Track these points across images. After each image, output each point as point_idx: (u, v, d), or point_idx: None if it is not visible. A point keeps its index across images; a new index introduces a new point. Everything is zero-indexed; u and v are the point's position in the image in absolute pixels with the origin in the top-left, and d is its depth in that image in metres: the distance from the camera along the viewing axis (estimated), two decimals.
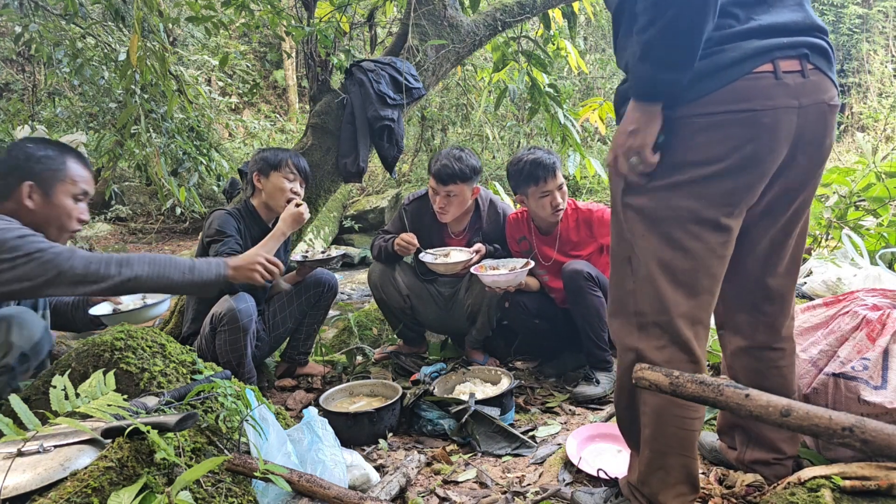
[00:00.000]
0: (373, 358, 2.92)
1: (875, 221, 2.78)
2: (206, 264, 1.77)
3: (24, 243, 1.47)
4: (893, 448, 0.89)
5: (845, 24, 15.54)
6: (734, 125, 1.14)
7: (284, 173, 2.38)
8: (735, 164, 1.16)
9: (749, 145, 1.14)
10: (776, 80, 1.13)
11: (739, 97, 1.13)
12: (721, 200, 1.19)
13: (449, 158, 2.61)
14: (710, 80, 1.13)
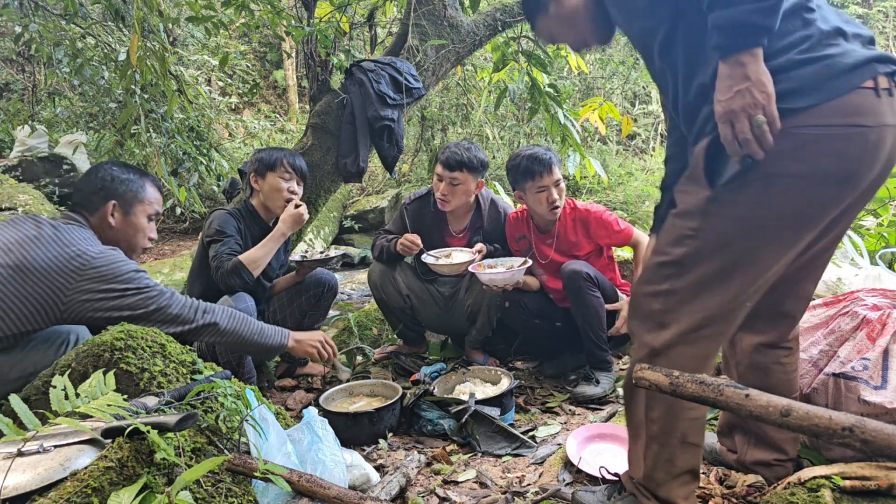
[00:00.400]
0: (373, 358, 2.92)
1: (875, 221, 2.78)
2: (273, 331, 1.90)
3: (137, 277, 1.65)
4: (893, 448, 0.89)
5: None
6: (842, 140, 1.10)
7: (280, 173, 2.38)
8: (839, 180, 1.13)
9: (854, 162, 1.11)
10: (878, 97, 1.10)
11: (848, 111, 1.09)
12: (811, 214, 1.16)
13: (458, 147, 2.64)
14: (817, 92, 1.08)
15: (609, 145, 12.52)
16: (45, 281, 1.57)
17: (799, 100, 1.08)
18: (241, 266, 2.19)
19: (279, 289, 2.58)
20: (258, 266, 2.24)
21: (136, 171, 1.88)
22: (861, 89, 1.08)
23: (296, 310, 2.58)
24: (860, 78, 1.08)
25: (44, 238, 1.60)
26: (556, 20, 1.45)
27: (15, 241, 1.59)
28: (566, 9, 1.41)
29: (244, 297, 2.20)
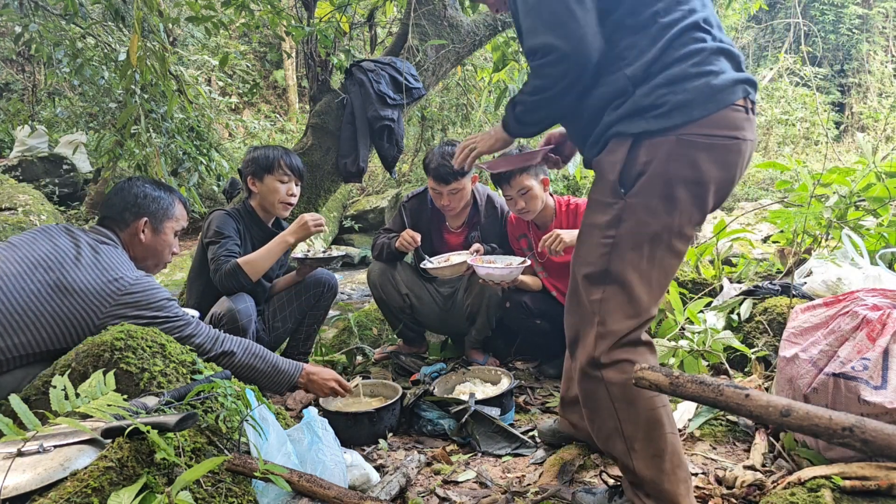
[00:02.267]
0: (373, 358, 2.92)
1: (875, 221, 2.78)
2: (287, 365, 1.89)
3: (168, 306, 1.70)
4: (893, 448, 0.89)
5: (845, 24, 15.54)
6: (725, 149, 1.25)
7: (278, 176, 2.36)
8: (722, 184, 1.29)
9: (732, 169, 1.28)
10: (747, 115, 1.28)
11: (730, 125, 1.25)
12: (698, 215, 1.32)
13: (444, 157, 2.60)
14: (708, 103, 1.23)
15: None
16: (83, 302, 1.61)
17: (691, 110, 1.22)
18: (239, 270, 2.19)
19: (279, 288, 2.58)
20: (257, 270, 2.23)
21: (165, 188, 1.93)
22: (736, 106, 1.25)
23: (296, 310, 2.58)
24: (737, 95, 1.25)
25: (83, 260, 1.64)
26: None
27: (55, 259, 1.62)
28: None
29: (244, 297, 2.20)
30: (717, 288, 2.87)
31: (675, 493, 1.32)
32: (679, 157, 1.24)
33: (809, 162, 10.35)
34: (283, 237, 2.28)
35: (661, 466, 1.32)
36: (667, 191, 1.26)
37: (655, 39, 1.25)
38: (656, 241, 1.30)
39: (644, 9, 1.26)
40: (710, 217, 9.35)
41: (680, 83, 1.23)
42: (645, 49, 1.25)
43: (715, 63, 1.25)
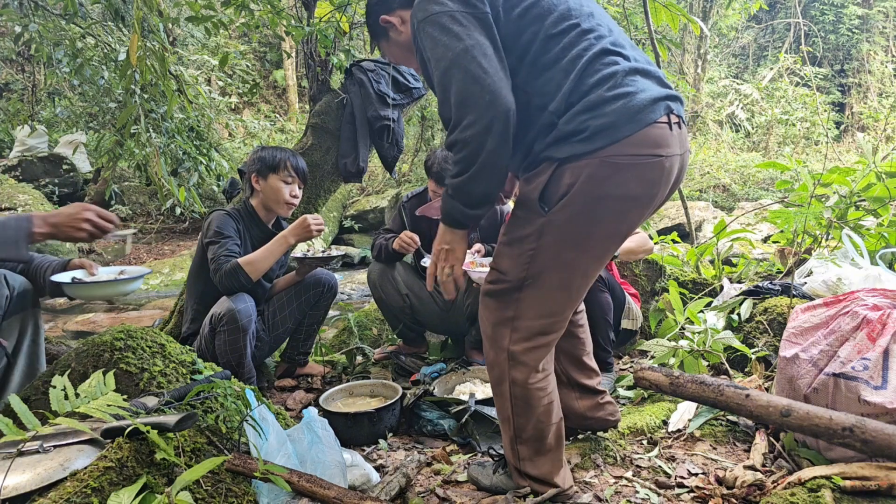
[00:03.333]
0: (373, 358, 2.92)
1: (875, 221, 2.78)
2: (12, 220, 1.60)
3: None
4: (894, 448, 0.90)
5: (845, 24, 15.54)
6: (647, 168, 1.30)
7: (283, 176, 2.37)
8: (644, 201, 1.35)
9: (655, 186, 1.33)
10: (671, 130, 1.31)
11: (651, 143, 1.29)
12: (623, 229, 1.39)
13: (445, 160, 2.60)
14: (629, 124, 1.26)
15: None
16: None
17: (613, 133, 1.26)
18: (239, 269, 2.19)
19: (279, 289, 2.58)
20: (257, 270, 2.23)
21: None
22: (658, 123, 1.29)
23: (296, 310, 2.58)
24: (658, 113, 1.28)
25: None
26: (397, 47, 1.61)
27: None
28: (403, 38, 1.56)
29: (244, 296, 2.20)
30: (717, 288, 2.87)
31: (550, 474, 1.50)
32: (601, 177, 1.28)
33: (809, 162, 10.35)
34: (284, 237, 2.28)
35: (540, 451, 1.49)
36: (589, 207, 1.31)
37: (568, 71, 1.30)
38: (577, 250, 1.37)
39: (553, 45, 1.32)
40: (711, 217, 9.36)
41: (599, 108, 1.27)
42: (561, 82, 1.30)
43: (630, 84, 1.29)
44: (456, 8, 1.31)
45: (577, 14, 1.35)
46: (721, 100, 14.58)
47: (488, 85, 1.25)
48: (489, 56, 1.27)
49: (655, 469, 1.76)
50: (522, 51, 1.33)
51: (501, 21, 1.34)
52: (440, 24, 1.30)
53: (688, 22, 3.66)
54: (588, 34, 1.33)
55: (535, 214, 1.35)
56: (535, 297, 1.40)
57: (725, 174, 11.25)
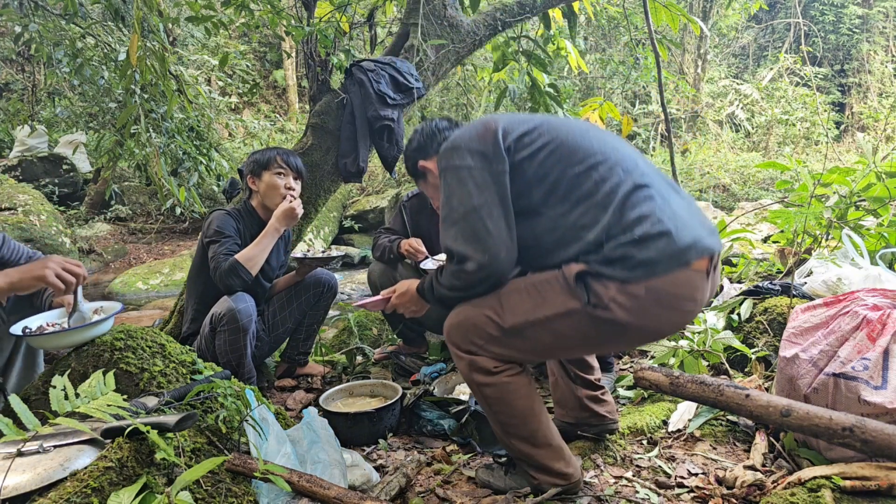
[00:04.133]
0: (373, 358, 2.92)
1: (875, 221, 2.78)
2: None
3: None
4: (894, 448, 0.89)
5: (845, 24, 15.54)
6: (678, 314, 1.40)
7: (275, 170, 2.38)
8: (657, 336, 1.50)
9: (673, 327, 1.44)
10: (707, 278, 1.39)
11: (690, 287, 1.37)
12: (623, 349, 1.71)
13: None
14: (670, 262, 1.34)
15: None
16: None
17: (657, 267, 1.33)
18: (238, 265, 2.19)
19: (279, 289, 2.58)
20: (255, 264, 2.23)
21: None
22: (696, 269, 1.36)
23: (296, 310, 2.58)
24: (696, 255, 1.35)
25: None
26: (435, 188, 1.79)
27: None
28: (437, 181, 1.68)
29: (244, 296, 2.20)
30: (717, 288, 2.87)
31: (548, 462, 1.55)
32: (633, 305, 1.35)
33: (809, 162, 10.34)
34: (272, 225, 2.28)
35: (534, 442, 1.54)
36: (620, 325, 1.38)
37: (605, 206, 1.38)
38: (584, 346, 1.53)
39: (585, 181, 1.41)
40: (711, 217, 9.40)
41: (644, 242, 1.34)
42: (598, 215, 1.38)
43: (669, 221, 1.36)
44: (475, 165, 1.44)
45: (602, 150, 1.45)
46: (721, 100, 14.57)
47: (489, 247, 1.40)
48: (495, 217, 1.41)
49: (655, 469, 1.76)
50: (551, 186, 1.43)
51: (524, 168, 1.45)
52: (459, 178, 1.45)
53: (688, 22, 3.66)
54: (616, 168, 1.42)
55: (570, 297, 1.40)
56: (518, 342, 1.49)
57: (725, 174, 11.24)
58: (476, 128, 1.52)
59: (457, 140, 1.51)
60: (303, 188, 2.54)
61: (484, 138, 1.48)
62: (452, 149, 1.50)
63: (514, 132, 1.49)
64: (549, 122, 1.52)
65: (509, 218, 1.44)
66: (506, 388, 1.51)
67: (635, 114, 12.77)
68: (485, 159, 1.45)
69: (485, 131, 1.49)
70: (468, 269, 1.43)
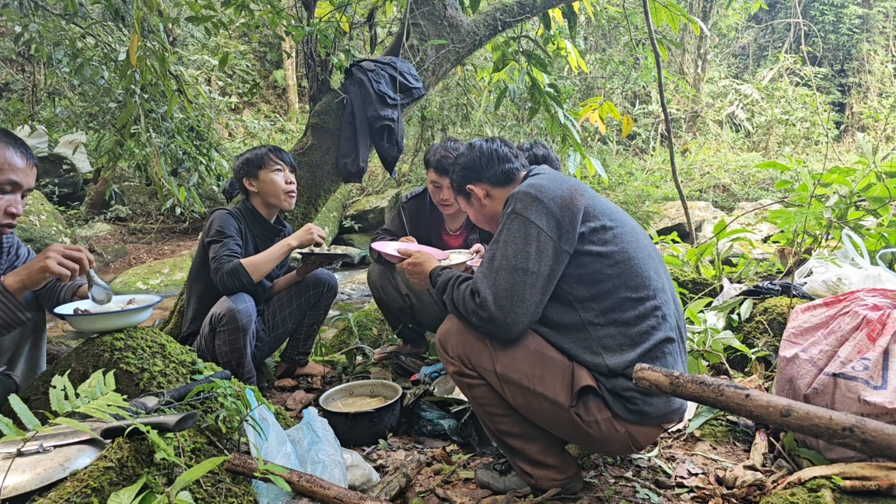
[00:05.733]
0: (373, 358, 2.92)
1: (875, 221, 2.78)
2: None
3: None
4: (894, 448, 0.89)
5: (845, 24, 15.54)
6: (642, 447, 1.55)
7: (271, 167, 2.38)
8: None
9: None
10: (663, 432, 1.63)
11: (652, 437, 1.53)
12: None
13: (447, 150, 2.60)
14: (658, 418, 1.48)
15: (609, 145, 12.52)
16: None
17: (648, 419, 1.46)
18: (241, 269, 2.19)
19: (279, 288, 2.58)
20: (260, 273, 2.24)
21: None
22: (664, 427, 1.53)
23: (296, 310, 2.58)
24: (674, 418, 1.52)
25: None
26: (476, 211, 1.79)
27: None
28: (487, 210, 1.76)
29: (244, 296, 2.20)
30: (717, 288, 2.87)
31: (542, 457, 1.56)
32: (610, 432, 1.47)
33: (809, 162, 10.36)
34: (287, 241, 2.32)
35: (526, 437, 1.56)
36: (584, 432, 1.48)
37: (635, 344, 1.45)
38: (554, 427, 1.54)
39: (629, 309, 1.46)
40: (711, 217, 9.35)
41: (651, 396, 1.44)
42: (626, 349, 1.44)
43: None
44: (546, 230, 1.46)
45: (654, 286, 1.50)
46: (721, 100, 14.58)
47: (515, 312, 1.44)
48: (537, 289, 1.45)
49: (655, 469, 1.76)
50: (598, 294, 1.47)
51: (584, 262, 1.47)
52: (526, 234, 1.46)
53: (688, 22, 3.67)
54: (657, 311, 1.48)
55: (566, 391, 1.46)
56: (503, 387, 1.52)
57: (725, 174, 11.25)
58: (563, 190, 1.51)
59: (540, 192, 1.50)
60: (302, 188, 2.54)
61: (566, 209, 1.48)
62: (532, 199, 1.49)
63: (593, 220, 1.50)
64: (625, 228, 1.53)
65: (546, 295, 1.47)
66: (494, 391, 1.53)
67: (635, 114, 12.77)
68: (558, 230, 1.46)
69: (570, 202, 1.49)
70: (481, 315, 1.46)
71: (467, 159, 1.76)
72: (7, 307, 1.51)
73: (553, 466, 1.56)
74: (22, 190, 1.62)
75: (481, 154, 1.74)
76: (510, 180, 1.72)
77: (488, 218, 1.78)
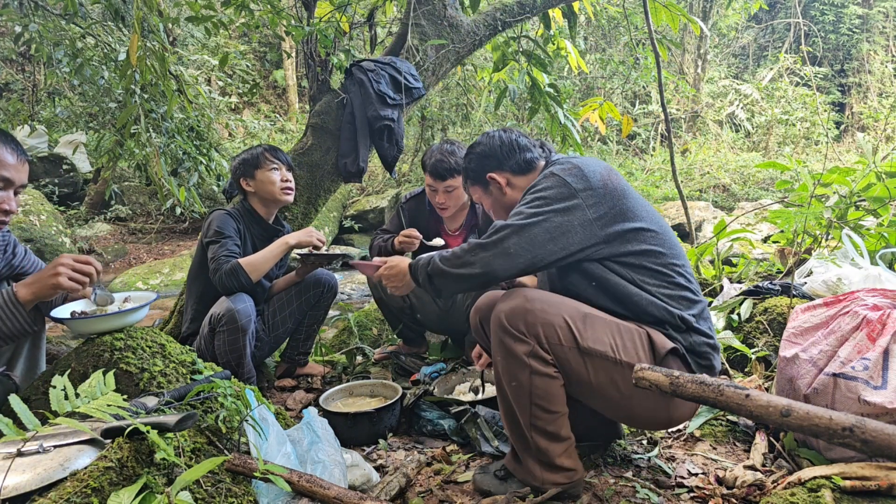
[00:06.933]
0: (373, 358, 2.92)
1: (875, 221, 2.78)
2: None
3: None
4: (894, 448, 0.89)
5: (845, 24, 15.54)
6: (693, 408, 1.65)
7: (267, 166, 2.38)
8: None
9: None
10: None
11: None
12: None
13: (443, 154, 2.60)
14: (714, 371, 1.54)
15: (609, 145, 12.53)
16: None
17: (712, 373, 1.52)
18: (240, 269, 2.19)
19: (279, 288, 2.58)
20: (259, 272, 2.24)
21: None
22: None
23: (296, 310, 2.58)
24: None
25: None
26: (493, 201, 1.77)
27: None
28: (507, 199, 1.74)
29: (243, 297, 2.20)
30: (717, 288, 2.87)
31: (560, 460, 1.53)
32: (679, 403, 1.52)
33: (809, 162, 10.35)
34: (285, 240, 2.31)
35: (555, 438, 1.52)
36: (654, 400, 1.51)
37: (692, 303, 1.54)
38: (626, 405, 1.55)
39: (678, 275, 1.55)
40: (711, 217, 9.34)
41: (716, 351, 1.56)
42: (685, 303, 1.53)
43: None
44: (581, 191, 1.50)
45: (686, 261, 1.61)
46: (721, 100, 14.57)
47: (519, 249, 1.46)
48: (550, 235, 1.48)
49: (655, 469, 1.76)
50: (649, 262, 1.55)
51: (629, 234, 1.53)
52: (559, 190, 1.51)
53: (688, 22, 3.67)
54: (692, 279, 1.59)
55: (647, 356, 1.48)
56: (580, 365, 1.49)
57: (725, 174, 11.25)
58: (601, 168, 1.56)
59: (582, 164, 1.55)
60: (302, 188, 2.54)
61: (604, 184, 1.52)
62: (573, 167, 1.54)
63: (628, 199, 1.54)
64: (651, 209, 1.61)
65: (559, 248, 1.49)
66: (555, 384, 1.48)
67: (635, 114, 12.77)
68: (594, 198, 1.49)
69: (608, 179, 1.54)
70: (485, 243, 1.48)
71: (486, 147, 1.74)
72: (16, 319, 1.52)
73: (567, 469, 1.54)
74: (14, 186, 1.59)
75: (502, 143, 1.73)
76: (531, 168, 1.71)
77: (507, 207, 1.74)
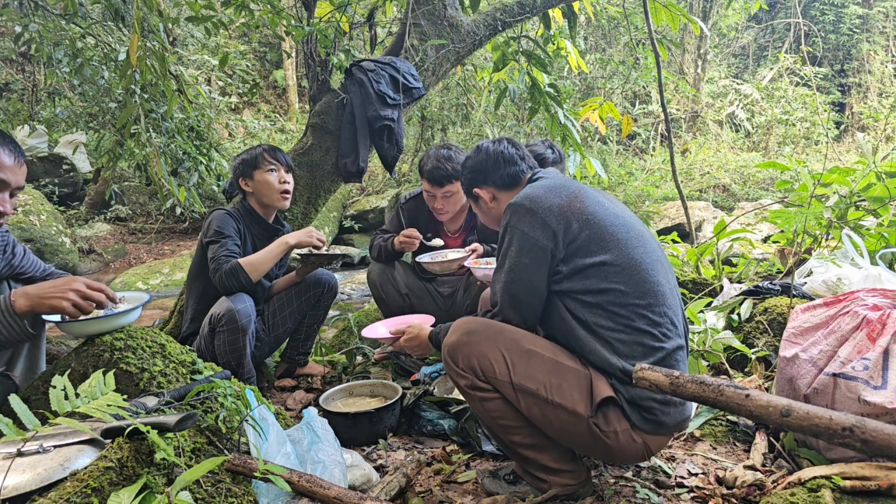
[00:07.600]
0: (373, 358, 2.92)
1: (875, 221, 2.78)
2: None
3: None
4: (894, 448, 0.89)
5: (845, 24, 15.54)
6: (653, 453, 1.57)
7: (265, 167, 2.38)
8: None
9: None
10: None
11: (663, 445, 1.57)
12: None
13: (439, 160, 2.60)
14: (671, 427, 1.50)
15: (609, 145, 12.53)
16: None
17: (663, 428, 1.48)
18: (240, 269, 2.19)
19: (279, 288, 2.58)
20: (259, 272, 2.24)
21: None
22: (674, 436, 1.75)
23: (296, 310, 2.58)
24: (684, 427, 1.55)
25: None
26: (484, 213, 1.83)
27: None
28: (493, 212, 1.79)
29: (243, 297, 2.20)
30: (717, 288, 2.87)
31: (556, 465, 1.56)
32: (627, 443, 1.47)
33: (809, 162, 10.35)
34: (285, 239, 2.31)
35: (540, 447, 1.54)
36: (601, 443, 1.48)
37: (649, 352, 1.45)
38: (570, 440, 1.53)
39: (641, 318, 1.46)
40: (711, 217, 9.36)
41: (668, 406, 1.46)
42: (639, 357, 1.45)
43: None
44: (542, 239, 1.48)
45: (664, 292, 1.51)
46: (721, 100, 14.57)
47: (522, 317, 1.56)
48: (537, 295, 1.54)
49: (655, 469, 1.76)
50: (606, 302, 1.49)
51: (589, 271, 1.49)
52: (520, 246, 1.51)
53: (688, 22, 3.67)
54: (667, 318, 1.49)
55: (584, 401, 1.46)
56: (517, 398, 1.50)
57: (725, 174, 11.25)
58: (561, 198, 1.52)
59: (535, 203, 1.51)
60: (302, 188, 2.54)
61: (561, 218, 1.49)
62: (526, 211, 1.51)
63: (593, 228, 1.49)
64: (631, 233, 1.52)
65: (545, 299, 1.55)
66: (507, 403, 1.51)
67: (635, 114, 12.77)
68: (553, 239, 1.48)
69: (567, 210, 1.50)
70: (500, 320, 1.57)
71: (474, 162, 1.77)
72: (12, 329, 1.50)
73: (568, 472, 1.55)
74: (10, 188, 1.58)
75: (487, 157, 1.74)
76: (515, 183, 1.73)
77: (495, 220, 1.80)
